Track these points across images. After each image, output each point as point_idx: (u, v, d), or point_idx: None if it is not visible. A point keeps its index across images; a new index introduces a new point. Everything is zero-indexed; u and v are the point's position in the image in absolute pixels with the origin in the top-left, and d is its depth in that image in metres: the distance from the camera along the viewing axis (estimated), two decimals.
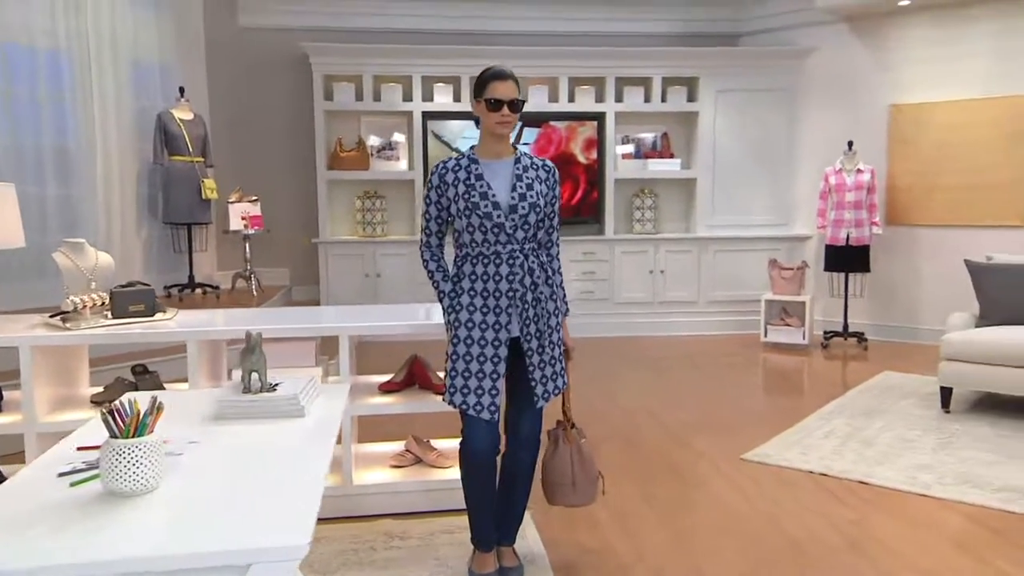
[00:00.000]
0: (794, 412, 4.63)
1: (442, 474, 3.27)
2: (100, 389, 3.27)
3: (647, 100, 7.17)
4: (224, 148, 6.85)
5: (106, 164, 5.59)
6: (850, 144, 6.43)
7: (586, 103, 7.11)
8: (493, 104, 2.43)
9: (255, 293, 6.25)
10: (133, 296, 3.12)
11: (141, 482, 1.53)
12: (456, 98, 6.97)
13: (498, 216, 2.43)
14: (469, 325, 2.48)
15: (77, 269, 3.17)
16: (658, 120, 7.34)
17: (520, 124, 6.33)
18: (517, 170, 2.50)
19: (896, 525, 3.07)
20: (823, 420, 4.45)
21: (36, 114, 5.19)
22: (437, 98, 6.97)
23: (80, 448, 1.85)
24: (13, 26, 5.01)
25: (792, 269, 6.60)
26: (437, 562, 2.77)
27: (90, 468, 1.69)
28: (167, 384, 3.40)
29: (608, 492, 3.15)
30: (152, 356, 4.17)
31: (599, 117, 7.12)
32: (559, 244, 2.65)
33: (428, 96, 6.97)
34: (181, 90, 6.07)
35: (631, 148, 7.32)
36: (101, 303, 3.09)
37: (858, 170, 6.37)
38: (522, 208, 2.45)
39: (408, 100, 6.94)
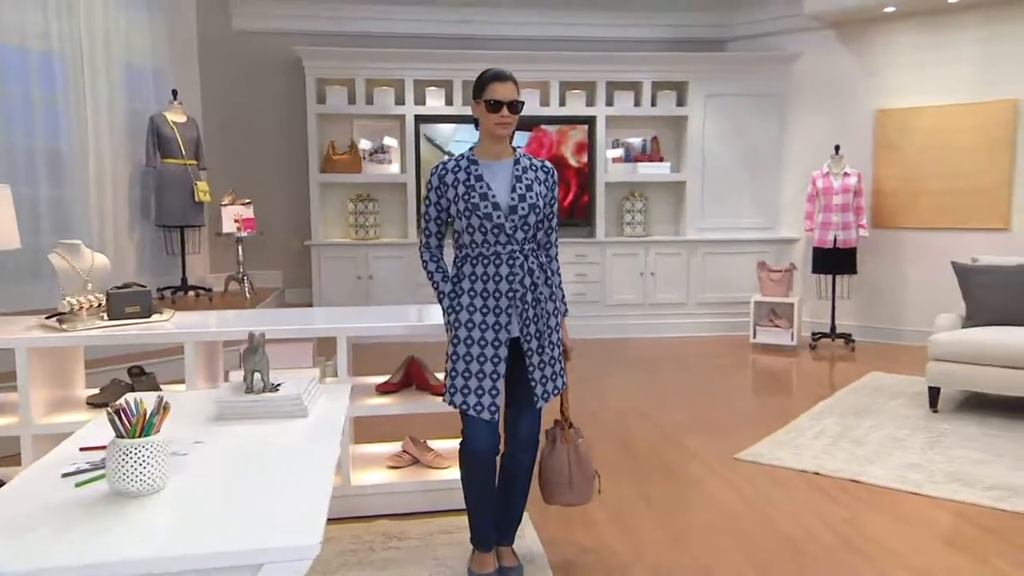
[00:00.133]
0: (785, 412, 4.67)
1: (439, 474, 3.28)
2: (96, 391, 3.26)
3: (637, 104, 7.22)
4: (217, 151, 6.85)
5: (99, 166, 5.56)
6: (837, 148, 6.50)
7: (577, 107, 7.15)
8: (493, 105, 2.45)
9: (248, 295, 6.23)
10: (129, 298, 3.11)
11: (148, 482, 1.53)
12: (448, 102, 7.00)
13: (498, 217, 2.45)
14: (469, 325, 2.49)
15: (73, 270, 3.15)
16: (648, 124, 7.39)
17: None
18: (516, 171, 2.51)
19: (889, 523, 3.11)
20: (814, 420, 4.50)
21: (28, 116, 5.16)
22: (429, 102, 6.99)
23: (83, 448, 1.84)
24: (6, 28, 4.98)
25: (780, 271, 6.66)
26: (436, 562, 2.78)
27: (95, 468, 1.69)
28: (163, 386, 3.39)
29: (604, 492, 3.18)
30: (148, 358, 4.16)
31: (590, 121, 7.17)
32: (558, 245, 2.67)
33: (420, 100, 7.00)
34: (174, 93, 6.06)
35: (621, 152, 7.36)
36: (97, 304, 3.08)
37: (845, 174, 6.44)
38: (522, 209, 2.46)
39: (400, 104, 6.96)
